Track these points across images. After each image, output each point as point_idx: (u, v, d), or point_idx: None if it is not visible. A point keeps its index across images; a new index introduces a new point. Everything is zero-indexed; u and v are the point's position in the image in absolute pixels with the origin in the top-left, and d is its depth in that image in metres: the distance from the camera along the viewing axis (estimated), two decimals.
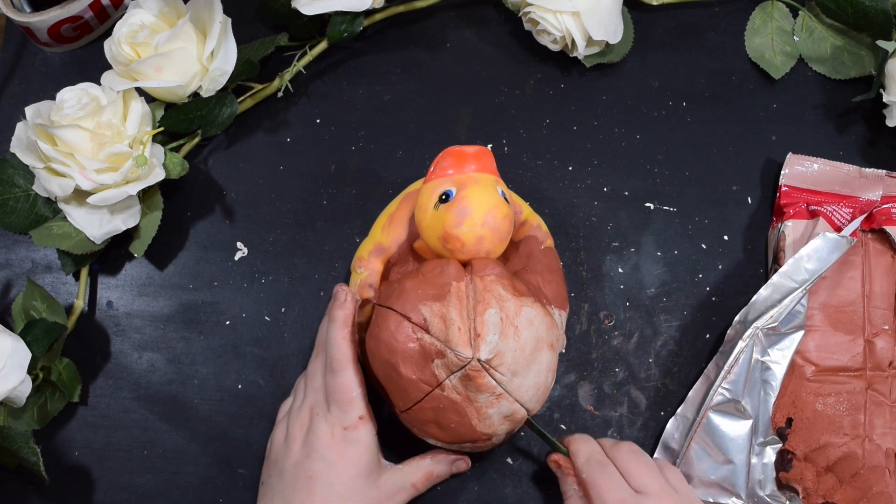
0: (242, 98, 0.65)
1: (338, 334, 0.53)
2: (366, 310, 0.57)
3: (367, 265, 0.58)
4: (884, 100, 0.62)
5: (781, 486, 0.58)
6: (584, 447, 0.54)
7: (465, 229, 0.51)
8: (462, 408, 0.50)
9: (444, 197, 0.53)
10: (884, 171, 0.63)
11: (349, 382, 0.52)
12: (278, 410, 0.58)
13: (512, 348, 0.50)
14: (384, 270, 0.58)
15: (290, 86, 0.66)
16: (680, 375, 0.62)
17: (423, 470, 0.55)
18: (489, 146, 0.66)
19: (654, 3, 0.69)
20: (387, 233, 0.58)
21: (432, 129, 0.67)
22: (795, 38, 0.68)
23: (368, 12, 0.66)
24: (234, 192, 0.66)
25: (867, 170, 0.64)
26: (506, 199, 0.54)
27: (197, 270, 0.64)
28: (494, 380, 0.50)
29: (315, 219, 0.65)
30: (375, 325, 0.53)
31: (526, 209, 0.59)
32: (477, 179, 0.53)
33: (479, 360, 0.49)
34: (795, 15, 0.69)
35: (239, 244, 0.65)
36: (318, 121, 0.67)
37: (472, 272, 0.52)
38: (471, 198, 0.52)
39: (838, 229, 0.60)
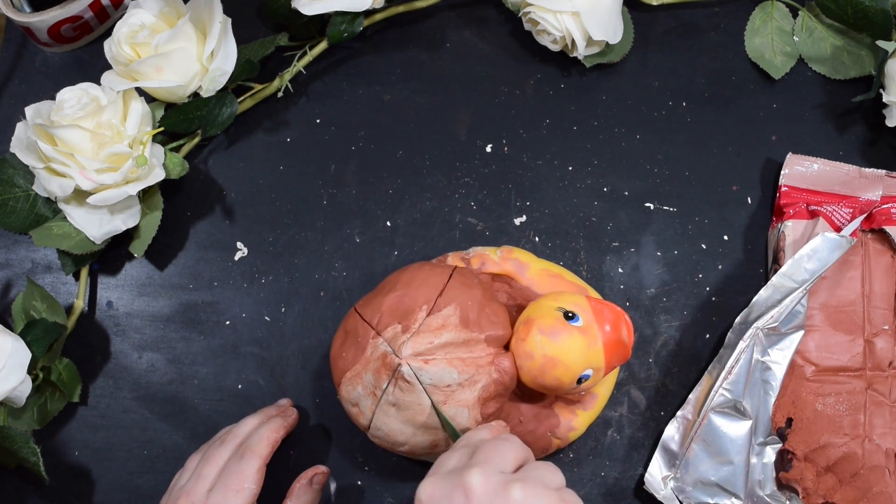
0: (242, 98, 0.65)
1: (271, 433, 0.54)
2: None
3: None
4: (884, 100, 0.62)
5: (781, 486, 0.58)
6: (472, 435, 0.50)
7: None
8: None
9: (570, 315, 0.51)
10: (884, 171, 0.63)
11: (250, 473, 0.51)
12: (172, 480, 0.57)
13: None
14: None
15: (290, 86, 0.66)
16: (680, 375, 0.62)
17: None
18: (489, 146, 0.66)
19: (654, 3, 0.69)
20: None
21: (432, 129, 0.67)
22: (795, 38, 0.68)
23: (368, 12, 0.66)
24: (234, 192, 0.66)
25: (867, 170, 0.64)
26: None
27: (197, 270, 0.64)
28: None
29: (315, 219, 0.65)
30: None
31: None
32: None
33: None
34: (795, 15, 0.69)
35: (239, 244, 0.65)
36: (318, 121, 0.67)
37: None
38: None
39: (838, 229, 0.60)
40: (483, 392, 0.51)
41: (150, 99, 0.63)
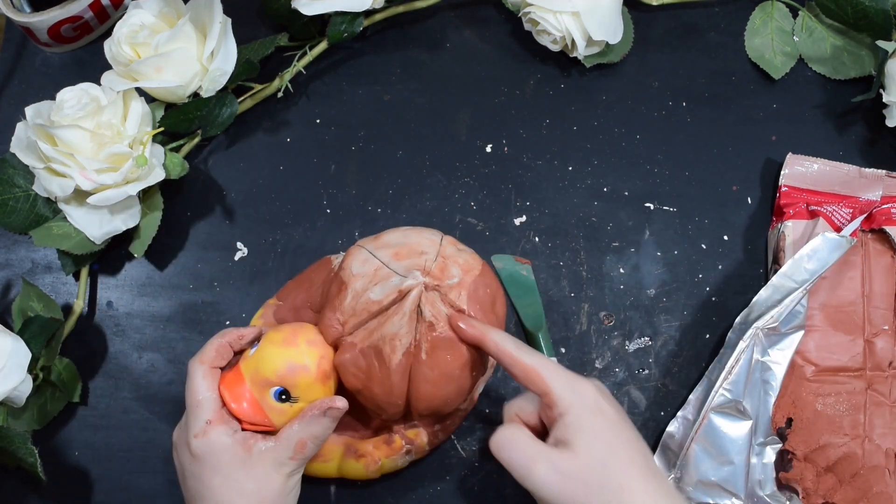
0: (242, 98, 0.65)
1: (213, 339, 0.52)
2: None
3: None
4: (884, 100, 0.62)
5: (781, 486, 0.58)
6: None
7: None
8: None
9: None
10: (884, 171, 0.63)
11: (196, 385, 0.50)
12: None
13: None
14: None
15: (290, 86, 0.66)
16: (680, 375, 0.62)
17: (292, 440, 0.50)
18: (489, 146, 0.66)
19: (654, 3, 0.69)
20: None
21: (432, 129, 0.67)
22: (795, 38, 0.68)
23: (368, 12, 0.66)
24: (234, 192, 0.66)
25: (867, 170, 0.64)
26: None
27: (197, 270, 0.64)
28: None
29: (315, 219, 0.65)
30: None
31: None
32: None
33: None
34: (795, 15, 0.69)
35: (239, 244, 0.65)
36: (318, 121, 0.67)
37: None
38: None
39: (838, 229, 0.60)
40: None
41: (150, 99, 0.63)
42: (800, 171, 0.64)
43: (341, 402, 0.50)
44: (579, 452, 0.46)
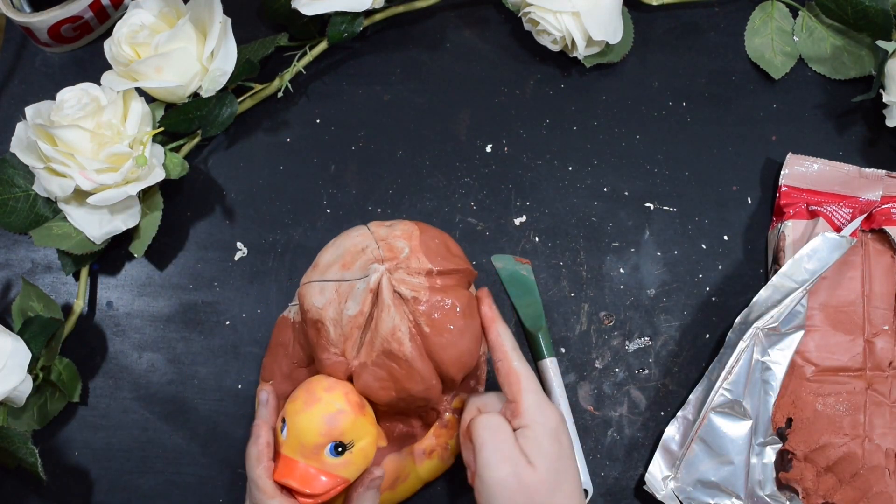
0: (242, 98, 0.65)
1: (251, 448, 0.51)
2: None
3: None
4: (884, 100, 0.62)
5: (781, 486, 0.58)
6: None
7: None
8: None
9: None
10: (884, 171, 0.63)
11: (263, 488, 0.50)
12: None
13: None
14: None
15: (290, 86, 0.66)
16: (680, 375, 0.62)
17: None
18: (489, 146, 0.66)
19: (654, 3, 0.69)
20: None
21: (432, 129, 0.67)
22: (795, 38, 0.68)
23: (368, 12, 0.66)
24: (234, 192, 0.66)
25: (867, 170, 0.64)
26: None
27: (197, 270, 0.64)
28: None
29: (315, 219, 0.65)
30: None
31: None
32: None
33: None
34: (795, 15, 0.69)
35: (239, 244, 0.65)
36: (318, 121, 0.67)
37: None
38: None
39: (838, 229, 0.60)
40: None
41: (150, 99, 0.63)
42: (800, 171, 0.64)
43: (378, 472, 0.52)
44: (538, 469, 0.48)
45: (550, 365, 0.60)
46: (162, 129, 0.63)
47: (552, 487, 0.48)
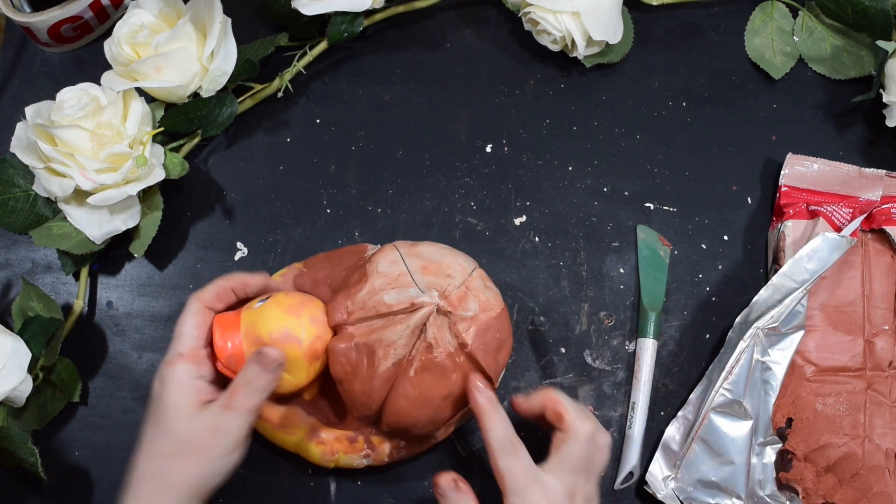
0: (242, 98, 0.65)
1: (218, 280, 0.53)
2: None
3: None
4: (884, 100, 0.62)
5: (781, 486, 0.58)
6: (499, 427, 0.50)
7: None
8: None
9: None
10: (884, 171, 0.63)
11: (185, 318, 0.51)
12: None
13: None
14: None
15: (290, 86, 0.66)
16: (680, 375, 0.62)
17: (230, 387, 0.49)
18: (489, 146, 0.66)
19: (654, 3, 0.69)
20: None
21: (432, 129, 0.67)
22: (795, 38, 0.68)
23: (368, 12, 0.66)
24: (234, 192, 0.66)
25: (867, 170, 0.64)
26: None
27: (197, 270, 0.64)
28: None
29: (315, 219, 0.65)
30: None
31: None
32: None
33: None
34: (795, 15, 0.69)
35: (239, 244, 0.65)
36: (318, 121, 0.67)
37: None
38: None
39: (838, 229, 0.60)
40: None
41: (150, 99, 0.63)
42: (800, 171, 0.64)
43: (272, 353, 0.49)
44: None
45: (651, 346, 0.60)
46: (162, 129, 0.63)
47: None
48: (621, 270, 0.64)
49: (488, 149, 0.66)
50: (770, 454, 0.58)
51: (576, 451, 0.50)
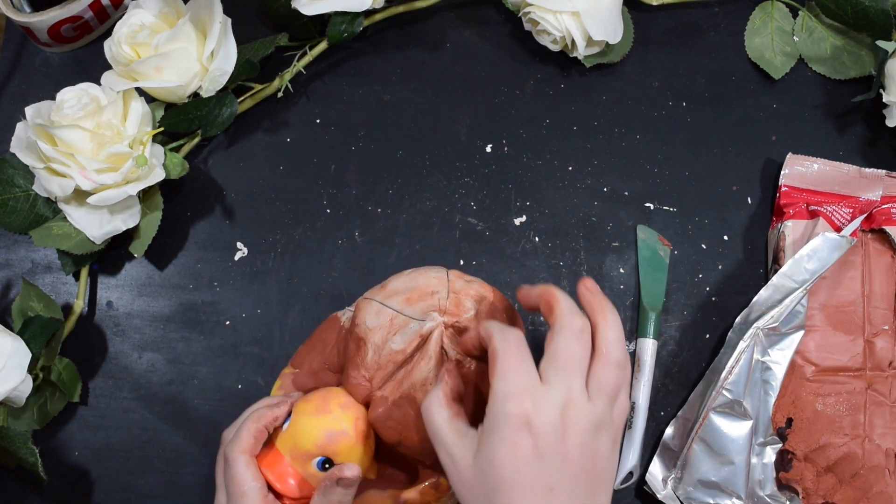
0: (242, 98, 0.65)
1: (250, 424, 0.50)
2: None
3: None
4: (884, 100, 0.62)
5: (781, 486, 0.58)
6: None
7: None
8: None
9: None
10: (884, 171, 0.63)
11: (241, 477, 0.49)
12: None
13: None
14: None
15: (290, 86, 0.66)
16: (680, 375, 0.62)
17: None
18: (489, 146, 0.66)
19: (654, 3, 0.69)
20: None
21: (432, 129, 0.67)
22: (795, 38, 0.68)
23: (368, 12, 0.66)
24: (234, 192, 0.66)
25: (867, 170, 0.64)
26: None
27: (197, 270, 0.64)
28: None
29: (315, 219, 0.65)
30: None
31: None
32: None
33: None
34: (795, 15, 0.69)
35: (239, 244, 0.65)
36: (318, 121, 0.67)
37: None
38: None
39: (838, 229, 0.60)
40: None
41: (150, 99, 0.63)
42: (800, 171, 0.64)
43: (350, 472, 0.48)
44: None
45: (651, 346, 0.60)
46: (162, 129, 0.63)
47: None
48: (621, 270, 0.64)
49: (488, 149, 0.66)
50: (770, 454, 0.58)
51: (563, 346, 0.46)
